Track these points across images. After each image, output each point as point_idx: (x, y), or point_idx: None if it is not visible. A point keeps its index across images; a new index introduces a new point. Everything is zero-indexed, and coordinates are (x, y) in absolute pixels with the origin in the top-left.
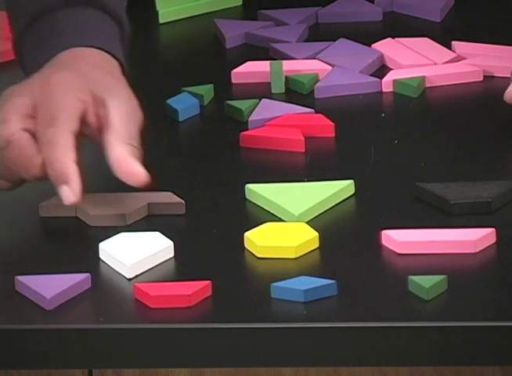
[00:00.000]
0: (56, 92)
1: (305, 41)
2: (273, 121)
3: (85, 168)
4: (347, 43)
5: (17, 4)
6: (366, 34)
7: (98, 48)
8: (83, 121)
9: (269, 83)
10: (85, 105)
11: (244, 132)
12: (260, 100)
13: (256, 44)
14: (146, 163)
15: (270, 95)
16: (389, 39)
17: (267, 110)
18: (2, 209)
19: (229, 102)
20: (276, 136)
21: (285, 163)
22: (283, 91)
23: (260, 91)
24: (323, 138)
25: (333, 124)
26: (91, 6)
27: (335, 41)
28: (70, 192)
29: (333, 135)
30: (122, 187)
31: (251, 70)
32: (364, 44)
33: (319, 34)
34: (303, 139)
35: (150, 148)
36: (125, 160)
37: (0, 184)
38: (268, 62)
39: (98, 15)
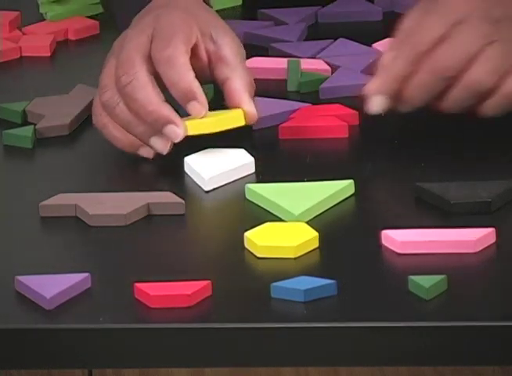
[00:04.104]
0: (170, 27)
1: (305, 40)
2: (296, 113)
3: (85, 167)
4: (347, 43)
5: None
6: (366, 34)
7: None
8: (192, 54)
9: (268, 80)
10: (197, 39)
11: (283, 125)
12: None
13: (256, 43)
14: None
15: (266, 93)
16: (389, 39)
17: (265, 107)
18: (2, 209)
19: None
20: (317, 125)
21: (285, 163)
22: (299, 89)
23: (260, 88)
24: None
25: (346, 124)
26: None
27: (335, 40)
28: (200, 106)
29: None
30: (122, 187)
31: (254, 66)
32: (364, 44)
33: (319, 33)
34: (346, 124)
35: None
36: (241, 95)
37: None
38: (269, 59)
39: None
